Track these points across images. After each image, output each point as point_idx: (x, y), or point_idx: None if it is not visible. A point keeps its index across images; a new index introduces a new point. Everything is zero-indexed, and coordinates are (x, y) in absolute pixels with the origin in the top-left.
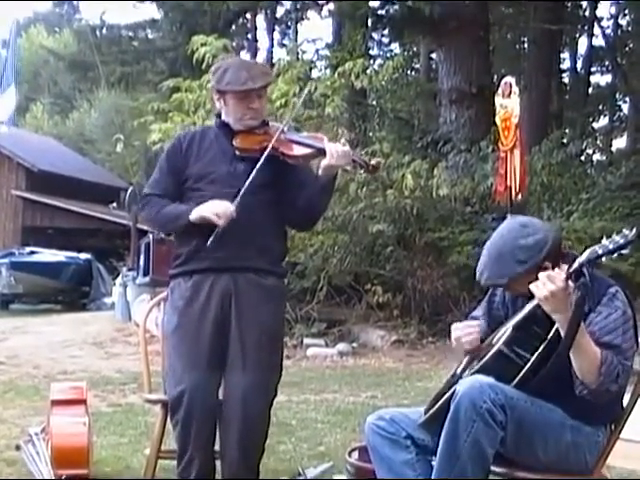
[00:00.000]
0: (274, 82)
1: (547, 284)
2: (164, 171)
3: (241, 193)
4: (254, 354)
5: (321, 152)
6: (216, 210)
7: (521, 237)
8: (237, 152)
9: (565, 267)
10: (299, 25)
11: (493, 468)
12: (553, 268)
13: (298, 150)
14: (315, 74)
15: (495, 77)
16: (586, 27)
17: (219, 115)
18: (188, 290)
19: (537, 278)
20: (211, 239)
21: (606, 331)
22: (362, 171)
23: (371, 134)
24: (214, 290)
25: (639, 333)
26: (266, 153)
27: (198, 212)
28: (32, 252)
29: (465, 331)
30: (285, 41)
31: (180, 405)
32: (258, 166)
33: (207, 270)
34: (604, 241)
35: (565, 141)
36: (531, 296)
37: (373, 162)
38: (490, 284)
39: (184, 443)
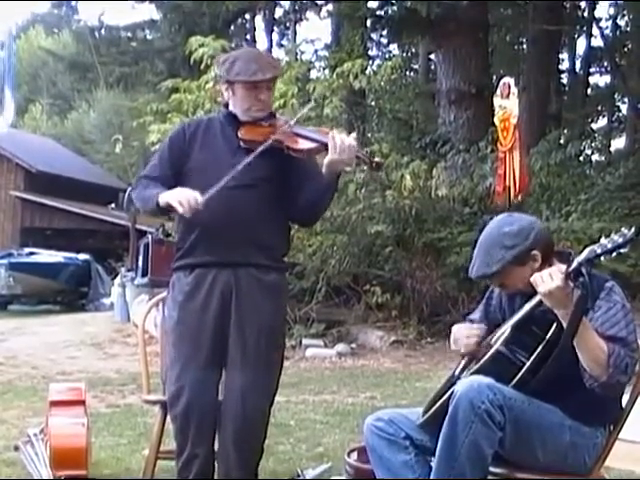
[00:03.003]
0: None
1: (547, 281)
2: (164, 158)
3: (220, 184)
4: (254, 352)
5: (326, 147)
6: (181, 198)
7: (506, 225)
8: (241, 143)
9: (562, 266)
10: (298, 26)
11: (492, 469)
12: (544, 262)
13: (303, 144)
14: (314, 75)
15: (494, 78)
16: (585, 28)
17: (226, 105)
18: (189, 284)
19: (531, 273)
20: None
21: (609, 325)
22: (365, 167)
23: (370, 135)
24: (215, 285)
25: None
26: (267, 143)
27: (164, 197)
28: (31, 253)
29: (465, 333)
30: (284, 42)
31: (179, 401)
32: (256, 153)
33: (208, 265)
34: (603, 240)
35: (564, 142)
36: (528, 295)
37: (376, 159)
38: (480, 275)
39: (183, 440)
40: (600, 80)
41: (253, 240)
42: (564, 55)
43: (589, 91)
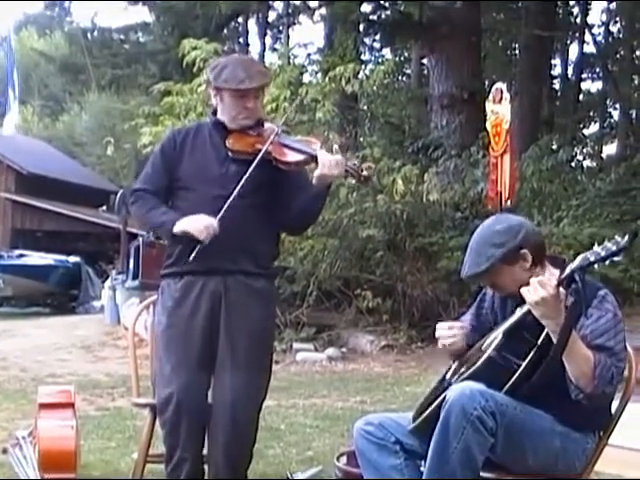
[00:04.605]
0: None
1: (538, 290)
2: (157, 166)
3: (227, 203)
4: (243, 357)
5: (314, 159)
6: (198, 226)
7: (496, 224)
8: (230, 153)
9: (556, 272)
10: (291, 29)
11: (482, 473)
12: (535, 263)
13: (291, 156)
14: (306, 78)
15: (486, 83)
16: (577, 34)
17: (215, 112)
18: (178, 291)
19: (526, 282)
20: (193, 254)
21: (598, 334)
22: (354, 181)
23: (362, 139)
24: (204, 292)
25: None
26: (258, 159)
27: (181, 226)
28: (21, 255)
29: (447, 333)
30: (277, 45)
31: (168, 406)
32: (249, 172)
33: (197, 272)
34: (596, 247)
35: (555, 147)
36: (521, 299)
37: (365, 172)
38: (471, 274)
39: (172, 445)
40: (592, 86)
41: (242, 248)
42: (556, 61)
43: (581, 97)
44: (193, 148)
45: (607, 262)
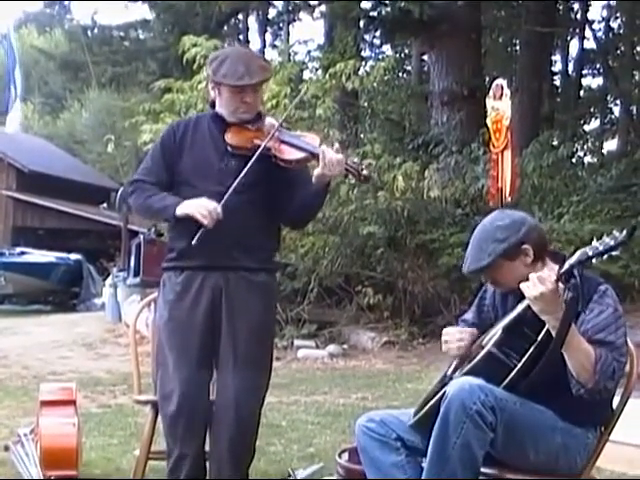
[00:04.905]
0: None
1: (537, 285)
2: (157, 159)
3: (228, 193)
4: (245, 352)
5: (314, 156)
6: (202, 210)
7: (499, 220)
8: (229, 148)
9: (555, 267)
10: (291, 26)
11: (483, 470)
12: (536, 259)
13: (291, 154)
14: (306, 75)
15: (486, 79)
16: (577, 30)
17: (213, 104)
18: (179, 285)
19: (527, 278)
20: (196, 238)
21: (599, 329)
22: (353, 180)
23: (362, 135)
24: (205, 286)
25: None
26: (255, 156)
27: (184, 209)
28: (22, 252)
29: (455, 337)
30: (277, 42)
31: (169, 401)
32: (247, 168)
33: (198, 268)
34: (594, 242)
35: (556, 143)
36: (521, 295)
37: (365, 172)
38: (472, 270)
39: (173, 440)
40: (592, 82)
41: (242, 244)
42: (557, 57)
43: (581, 93)
44: (193, 142)
45: (607, 258)
